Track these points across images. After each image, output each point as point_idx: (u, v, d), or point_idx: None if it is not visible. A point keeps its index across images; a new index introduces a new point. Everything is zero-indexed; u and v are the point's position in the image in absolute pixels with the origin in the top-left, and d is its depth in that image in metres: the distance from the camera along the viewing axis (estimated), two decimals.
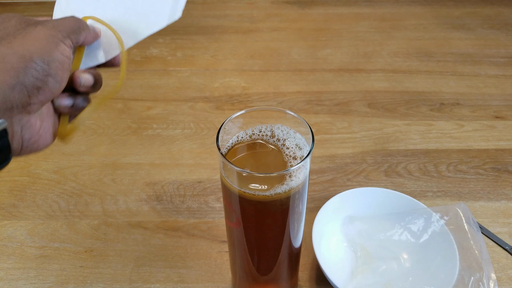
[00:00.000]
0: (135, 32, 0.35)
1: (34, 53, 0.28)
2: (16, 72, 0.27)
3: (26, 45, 0.28)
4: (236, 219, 0.39)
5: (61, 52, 0.29)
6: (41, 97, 0.28)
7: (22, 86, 0.27)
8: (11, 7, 1.11)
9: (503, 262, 0.53)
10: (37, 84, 0.28)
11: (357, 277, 0.49)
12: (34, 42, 0.28)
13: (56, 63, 0.29)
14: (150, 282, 0.51)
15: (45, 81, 0.28)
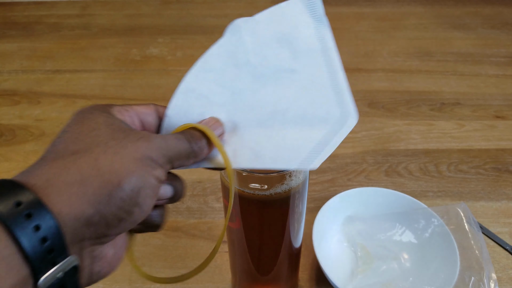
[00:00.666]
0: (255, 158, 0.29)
1: (124, 178, 0.22)
2: (98, 200, 0.21)
3: (117, 165, 0.22)
4: (236, 219, 0.39)
5: (156, 177, 0.23)
6: (121, 229, 0.23)
7: (101, 218, 0.21)
8: (11, 7, 1.11)
9: (503, 262, 0.52)
10: (120, 215, 0.22)
11: (357, 277, 0.49)
12: (127, 162, 0.22)
13: (147, 191, 0.23)
14: (150, 282, 0.51)
15: (130, 212, 0.22)
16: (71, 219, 0.20)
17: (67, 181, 0.21)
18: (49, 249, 0.19)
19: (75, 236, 0.21)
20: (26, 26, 1.03)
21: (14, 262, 0.18)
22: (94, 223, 0.21)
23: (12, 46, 0.96)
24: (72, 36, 1.00)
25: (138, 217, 0.23)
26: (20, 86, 0.84)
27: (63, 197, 0.20)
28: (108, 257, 0.24)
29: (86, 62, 0.91)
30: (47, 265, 0.19)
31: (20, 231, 0.19)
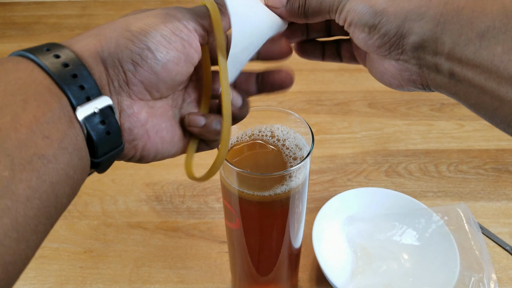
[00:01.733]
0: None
1: (133, 24, 0.24)
2: (108, 42, 0.23)
3: (130, 19, 0.24)
4: (235, 219, 0.39)
5: (172, 29, 0.24)
6: (140, 76, 0.24)
7: (115, 59, 0.23)
8: (11, 7, 1.11)
9: (503, 263, 0.52)
10: (134, 59, 0.23)
11: (357, 278, 0.49)
12: (141, 16, 0.24)
13: (159, 38, 0.24)
14: (150, 283, 0.51)
15: (143, 56, 0.23)
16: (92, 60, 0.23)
17: (85, 36, 0.24)
18: (80, 85, 0.21)
19: (101, 79, 0.23)
20: (26, 26, 1.03)
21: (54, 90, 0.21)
22: (110, 64, 0.23)
23: (12, 46, 0.96)
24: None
25: (154, 64, 0.24)
26: None
27: (81, 44, 0.23)
28: (140, 118, 0.25)
29: None
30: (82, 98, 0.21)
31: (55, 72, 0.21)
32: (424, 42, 0.25)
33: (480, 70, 0.23)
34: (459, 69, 0.24)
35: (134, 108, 0.25)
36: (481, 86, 0.23)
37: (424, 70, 0.26)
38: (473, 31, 0.23)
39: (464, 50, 0.23)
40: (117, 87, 0.24)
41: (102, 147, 0.23)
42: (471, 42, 0.23)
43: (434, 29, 0.24)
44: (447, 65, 0.24)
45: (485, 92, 0.23)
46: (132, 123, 0.25)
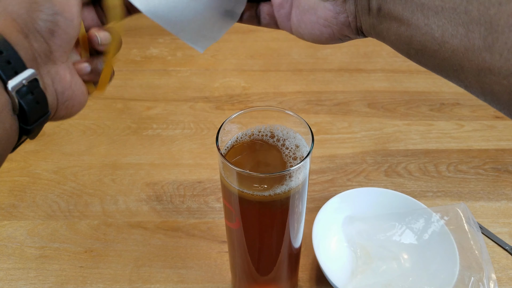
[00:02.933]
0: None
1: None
2: (23, 19, 0.25)
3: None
4: (235, 219, 0.39)
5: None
6: (58, 41, 0.26)
7: (35, 32, 0.25)
8: None
9: (503, 262, 0.53)
10: (48, 27, 0.26)
11: (357, 277, 0.49)
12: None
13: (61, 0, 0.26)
14: (150, 283, 0.51)
15: (55, 22, 0.26)
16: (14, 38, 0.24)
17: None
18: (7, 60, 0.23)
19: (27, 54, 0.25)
20: None
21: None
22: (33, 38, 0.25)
23: None
24: None
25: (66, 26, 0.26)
26: None
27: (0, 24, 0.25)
28: (67, 80, 0.28)
29: None
30: (11, 73, 0.24)
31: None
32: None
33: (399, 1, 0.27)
34: (385, 3, 0.27)
35: (60, 72, 0.27)
36: (399, 18, 0.27)
37: (359, 10, 0.29)
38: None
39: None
40: (44, 58, 0.26)
41: (33, 115, 0.25)
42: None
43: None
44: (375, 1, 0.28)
45: (404, 23, 0.27)
46: (63, 86, 0.28)
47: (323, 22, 0.30)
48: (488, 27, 0.23)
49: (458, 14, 0.24)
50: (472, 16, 0.23)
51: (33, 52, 0.25)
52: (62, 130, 0.73)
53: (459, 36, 0.24)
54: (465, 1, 0.24)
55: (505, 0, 0.23)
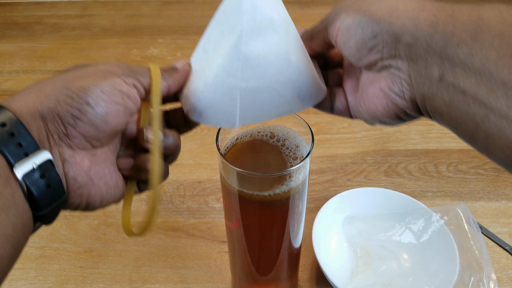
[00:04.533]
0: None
1: (73, 82, 0.25)
2: (48, 99, 0.24)
3: (71, 76, 0.25)
4: (235, 219, 0.39)
5: (112, 84, 0.25)
6: (80, 129, 0.25)
7: (55, 114, 0.24)
8: (11, 7, 1.11)
9: (503, 262, 0.53)
10: (73, 113, 0.24)
11: (357, 277, 0.49)
12: (80, 75, 0.26)
13: (99, 93, 0.25)
14: (150, 282, 0.51)
15: (83, 111, 0.24)
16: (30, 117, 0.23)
17: (25, 93, 0.25)
18: (18, 142, 0.22)
19: (40, 134, 0.24)
20: (27, 27, 1.03)
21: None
22: (49, 119, 0.24)
23: (13, 47, 0.96)
24: (72, 36, 1.00)
25: (94, 118, 0.25)
26: (21, 86, 0.84)
27: (20, 103, 0.24)
28: (83, 166, 0.26)
29: (87, 62, 0.91)
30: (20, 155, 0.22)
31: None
32: (417, 41, 0.24)
33: (471, 73, 0.22)
34: (450, 71, 0.23)
35: (76, 157, 0.25)
36: (470, 92, 0.22)
37: (413, 79, 0.25)
38: (467, 33, 0.22)
39: (456, 50, 0.22)
40: (57, 140, 0.25)
41: (44, 200, 0.23)
42: (464, 43, 0.22)
43: (427, 29, 0.23)
44: (437, 68, 0.23)
45: (473, 99, 0.22)
46: (75, 171, 0.25)
47: (379, 93, 0.27)
48: None
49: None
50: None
51: (47, 132, 0.24)
52: None
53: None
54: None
55: None
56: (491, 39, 0.21)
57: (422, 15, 0.24)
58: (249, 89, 0.27)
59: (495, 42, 0.21)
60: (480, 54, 0.21)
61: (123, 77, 0.26)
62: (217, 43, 0.28)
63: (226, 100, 0.28)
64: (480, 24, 0.22)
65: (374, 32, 0.25)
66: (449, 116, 0.24)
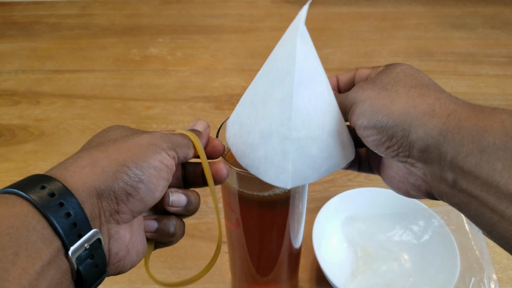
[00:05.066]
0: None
1: (128, 158, 0.25)
2: (106, 176, 0.24)
3: (122, 150, 0.26)
4: (235, 219, 0.39)
5: (160, 159, 0.26)
6: (130, 206, 0.25)
7: (111, 191, 0.24)
8: (10, 7, 1.11)
9: (504, 263, 0.52)
10: (127, 190, 0.25)
11: (357, 278, 0.49)
12: (132, 148, 0.26)
13: (151, 170, 0.25)
14: (150, 283, 0.51)
15: (137, 188, 0.25)
16: (86, 194, 0.23)
17: (80, 165, 0.24)
18: (73, 222, 0.22)
19: (93, 211, 0.23)
20: (26, 26, 1.03)
21: (47, 235, 0.21)
22: (105, 197, 0.24)
23: (12, 46, 0.96)
24: (71, 36, 0.99)
25: (145, 195, 0.25)
26: (20, 86, 0.84)
27: (77, 178, 0.23)
28: (125, 240, 0.26)
29: (86, 62, 0.90)
30: (74, 237, 0.22)
31: (48, 209, 0.21)
32: (429, 148, 0.25)
33: (480, 182, 0.23)
34: (461, 178, 0.24)
35: (120, 232, 0.26)
36: (481, 199, 0.23)
37: (428, 177, 0.26)
38: (474, 144, 0.23)
39: (465, 161, 0.24)
40: (108, 217, 0.25)
41: (90, 280, 0.23)
42: (472, 154, 0.23)
43: (437, 137, 0.25)
44: (450, 173, 0.25)
45: (485, 205, 0.23)
46: (119, 247, 0.26)
47: (399, 178, 0.29)
48: None
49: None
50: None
51: (99, 210, 0.24)
52: (61, 130, 0.73)
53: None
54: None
55: None
56: (496, 151, 0.22)
57: (432, 122, 0.25)
58: (299, 139, 0.28)
59: (500, 154, 0.22)
60: (487, 166, 0.23)
61: (168, 151, 0.27)
62: (267, 94, 0.28)
63: (279, 152, 0.28)
64: (485, 136, 0.23)
65: (389, 135, 0.26)
66: (467, 213, 0.25)
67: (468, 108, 0.25)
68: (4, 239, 0.20)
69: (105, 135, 0.27)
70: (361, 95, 0.28)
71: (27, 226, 0.20)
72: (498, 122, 0.23)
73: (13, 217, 0.20)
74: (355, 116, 0.28)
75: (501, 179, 0.22)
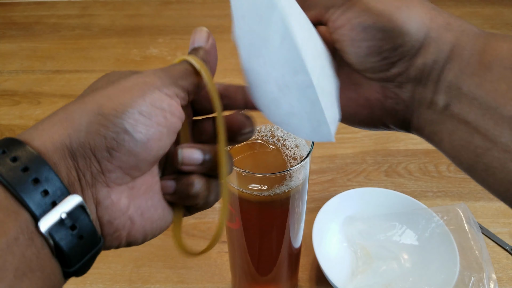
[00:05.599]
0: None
1: (105, 106, 0.20)
2: (77, 131, 0.20)
3: (99, 97, 0.21)
4: (235, 219, 0.39)
5: (152, 102, 0.21)
6: (117, 162, 0.21)
7: (86, 148, 0.20)
8: (11, 7, 1.11)
9: (503, 263, 0.52)
10: (108, 144, 0.20)
11: (357, 278, 0.49)
12: (113, 93, 0.21)
13: (137, 116, 0.20)
14: (150, 283, 0.51)
15: (119, 140, 0.20)
16: (58, 155, 0.20)
17: (52, 122, 0.20)
18: (44, 190, 0.19)
19: (70, 175, 0.20)
20: (26, 26, 1.03)
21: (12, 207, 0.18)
22: (80, 155, 0.20)
23: (12, 46, 0.96)
24: (72, 36, 1.00)
25: (132, 147, 0.21)
26: (20, 86, 0.84)
27: (46, 137, 0.20)
28: (121, 206, 0.22)
29: (86, 62, 0.91)
30: (47, 207, 0.19)
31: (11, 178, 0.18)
32: (434, 64, 0.23)
33: (478, 104, 0.21)
34: (456, 101, 0.22)
35: (112, 197, 0.21)
36: (474, 124, 0.21)
37: (414, 101, 0.24)
38: (481, 62, 0.21)
39: (467, 79, 0.22)
40: (89, 179, 0.20)
41: (75, 254, 0.20)
42: (476, 73, 0.21)
43: (447, 53, 0.23)
44: (444, 95, 0.23)
45: (477, 131, 0.21)
46: (111, 214, 0.21)
47: (363, 102, 0.25)
48: None
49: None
50: None
51: (77, 172, 0.20)
52: None
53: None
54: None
55: None
56: (502, 71, 0.21)
57: (447, 36, 0.23)
58: (318, 81, 0.23)
59: (507, 74, 0.21)
60: (489, 86, 0.21)
61: (164, 89, 0.22)
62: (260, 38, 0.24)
63: (306, 104, 0.24)
64: (494, 54, 0.21)
65: (397, 43, 0.23)
66: (449, 144, 0.23)
67: (479, 29, 0.23)
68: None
69: (100, 81, 0.23)
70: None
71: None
72: (509, 42, 0.22)
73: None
74: (354, 12, 0.23)
75: (503, 102, 0.20)
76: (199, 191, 0.24)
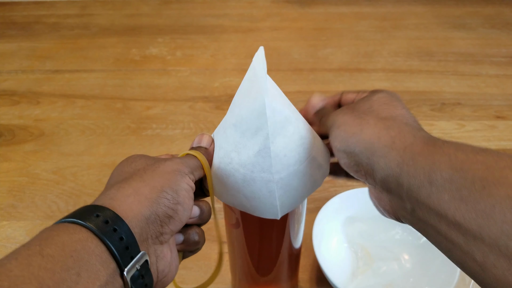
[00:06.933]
0: None
1: (165, 184, 0.28)
2: (150, 202, 0.27)
3: (156, 177, 0.29)
4: (235, 220, 0.39)
5: (187, 182, 0.29)
6: (171, 226, 0.28)
7: (156, 216, 0.27)
8: (10, 7, 1.11)
9: None
10: (168, 213, 0.28)
11: (357, 278, 0.49)
12: (163, 174, 0.29)
13: (183, 192, 0.29)
14: None
15: (175, 210, 0.28)
16: (135, 220, 0.26)
17: (125, 195, 0.27)
18: (126, 246, 0.24)
19: (141, 236, 0.26)
20: (26, 26, 1.03)
21: (105, 258, 0.24)
22: (151, 221, 0.27)
23: (12, 46, 0.96)
24: (71, 36, 0.99)
25: (182, 215, 0.28)
26: (20, 86, 0.84)
27: (125, 206, 0.26)
28: (168, 258, 0.29)
29: (86, 62, 0.90)
30: (127, 259, 0.25)
31: (104, 235, 0.24)
32: (389, 178, 0.27)
33: (433, 213, 0.24)
34: (418, 208, 0.25)
35: (164, 251, 0.28)
36: (435, 227, 0.25)
37: (393, 203, 0.28)
38: (425, 176, 0.25)
39: (418, 192, 0.25)
40: (154, 239, 0.27)
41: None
42: (423, 186, 0.25)
43: (395, 169, 0.26)
44: (408, 203, 0.26)
45: (439, 233, 0.24)
46: (164, 265, 0.28)
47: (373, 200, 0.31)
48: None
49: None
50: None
51: (147, 234, 0.27)
52: (61, 130, 0.73)
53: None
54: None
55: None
56: (443, 183, 0.24)
57: (391, 154, 0.27)
58: (281, 179, 0.31)
59: (446, 186, 0.24)
60: (436, 197, 0.24)
61: (189, 175, 0.30)
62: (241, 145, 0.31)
63: (265, 193, 0.32)
64: (434, 169, 0.25)
65: (356, 161, 0.29)
66: (428, 238, 0.26)
67: (423, 141, 0.27)
68: (68, 261, 0.22)
69: (131, 165, 0.30)
70: (340, 118, 0.31)
71: (87, 250, 0.23)
72: (446, 155, 0.25)
73: (75, 242, 0.23)
74: (332, 137, 0.31)
75: (448, 209, 0.23)
76: (200, 237, 0.33)
